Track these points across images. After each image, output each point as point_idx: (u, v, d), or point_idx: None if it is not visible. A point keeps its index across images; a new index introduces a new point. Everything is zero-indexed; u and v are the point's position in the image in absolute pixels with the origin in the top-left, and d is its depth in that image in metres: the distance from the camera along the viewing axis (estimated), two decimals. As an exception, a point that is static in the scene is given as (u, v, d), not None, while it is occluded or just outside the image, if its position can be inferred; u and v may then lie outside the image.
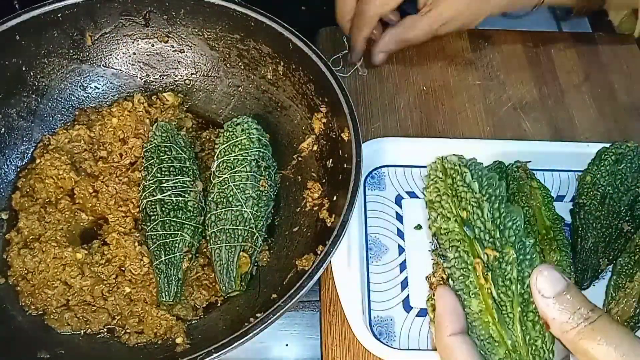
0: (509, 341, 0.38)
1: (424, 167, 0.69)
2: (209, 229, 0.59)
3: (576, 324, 0.33)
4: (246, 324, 0.49)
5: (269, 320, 0.49)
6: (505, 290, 0.38)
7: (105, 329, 0.57)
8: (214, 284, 0.59)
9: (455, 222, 0.39)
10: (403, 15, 0.76)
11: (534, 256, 0.39)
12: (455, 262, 0.40)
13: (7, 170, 0.64)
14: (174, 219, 0.58)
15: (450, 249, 0.40)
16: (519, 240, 0.39)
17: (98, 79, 0.69)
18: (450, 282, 0.40)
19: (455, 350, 0.37)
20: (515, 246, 0.38)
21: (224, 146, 0.62)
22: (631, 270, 0.59)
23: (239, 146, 0.61)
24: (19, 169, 0.65)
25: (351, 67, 0.77)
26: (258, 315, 0.50)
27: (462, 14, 0.73)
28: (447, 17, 0.73)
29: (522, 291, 0.38)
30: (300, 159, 0.65)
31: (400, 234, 0.65)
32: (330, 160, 0.61)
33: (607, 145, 0.66)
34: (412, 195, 0.67)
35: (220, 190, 0.60)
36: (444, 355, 0.38)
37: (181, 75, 0.70)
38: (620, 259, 0.61)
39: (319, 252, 0.54)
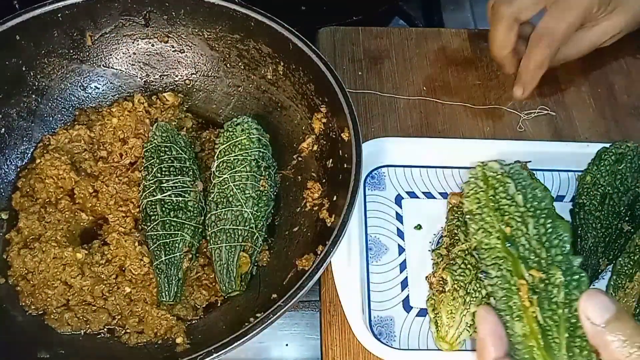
0: None
1: (424, 167, 0.69)
2: (209, 229, 0.59)
3: (629, 353, 0.31)
4: (246, 324, 0.49)
5: (269, 320, 0.49)
6: (552, 314, 0.36)
7: (105, 329, 0.57)
8: (214, 284, 0.59)
9: (498, 239, 0.37)
10: None
11: (582, 276, 0.37)
12: (498, 280, 0.37)
13: (7, 170, 0.64)
14: (174, 219, 0.58)
15: (493, 266, 0.38)
16: (565, 260, 0.37)
17: (98, 79, 0.69)
18: (492, 300, 0.38)
19: None
20: (562, 267, 0.36)
21: (224, 146, 0.62)
22: (631, 270, 0.59)
23: (239, 146, 0.61)
24: (19, 169, 0.65)
25: None
26: (258, 315, 0.50)
27: (630, 25, 0.70)
28: (618, 28, 0.69)
29: (570, 315, 0.36)
30: (300, 159, 0.65)
31: (400, 234, 0.65)
32: (330, 160, 0.61)
33: (607, 145, 0.66)
34: (412, 195, 0.67)
35: (220, 190, 0.60)
36: None
37: (181, 75, 0.70)
38: (620, 259, 0.61)
39: (319, 252, 0.54)
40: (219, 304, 0.59)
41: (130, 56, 0.69)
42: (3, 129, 0.64)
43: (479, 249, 0.38)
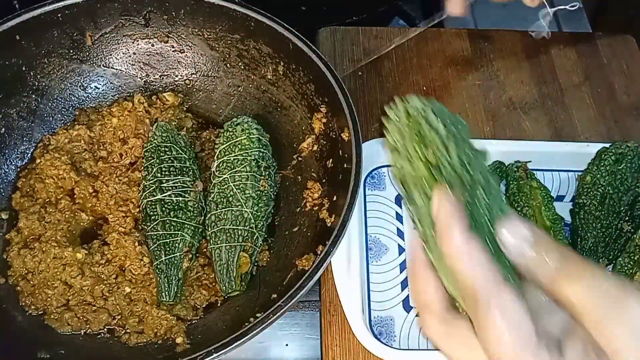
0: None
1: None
2: (209, 229, 0.59)
3: (548, 274, 0.32)
4: (246, 324, 0.49)
5: (269, 320, 0.49)
6: (476, 232, 0.37)
7: (105, 329, 0.57)
8: (214, 284, 0.59)
9: (422, 166, 0.38)
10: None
11: (502, 197, 0.39)
12: (422, 202, 0.38)
13: (7, 170, 0.64)
14: (174, 219, 0.58)
15: (416, 189, 0.39)
16: (486, 180, 0.38)
17: (98, 79, 0.69)
18: (419, 227, 0.39)
19: (471, 249, 0.33)
20: (482, 185, 0.38)
21: (224, 146, 0.62)
22: (631, 270, 0.59)
23: (239, 146, 0.61)
24: (19, 169, 0.65)
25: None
26: (258, 315, 0.50)
27: None
28: None
29: (493, 232, 0.37)
30: (300, 159, 0.65)
31: (400, 234, 0.65)
32: (330, 160, 0.61)
33: (607, 145, 0.66)
34: (412, 195, 0.67)
35: (220, 190, 0.60)
36: (455, 260, 0.34)
37: (181, 75, 0.70)
38: (620, 259, 0.61)
39: (319, 252, 0.54)
40: (219, 304, 0.59)
41: (130, 56, 0.69)
42: (3, 129, 0.64)
43: (403, 180, 0.39)
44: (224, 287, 0.57)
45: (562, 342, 0.32)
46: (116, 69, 0.69)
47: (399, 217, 0.66)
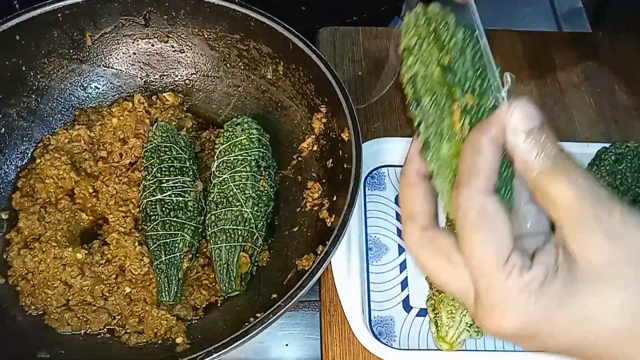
0: None
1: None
2: (209, 229, 0.59)
3: (541, 161, 0.32)
4: (246, 324, 0.49)
5: (269, 320, 0.49)
6: None
7: (105, 329, 0.57)
8: (214, 284, 0.59)
9: (436, 67, 0.38)
10: None
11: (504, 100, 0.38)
12: (431, 107, 0.38)
13: (7, 170, 0.64)
14: (174, 219, 0.58)
15: (427, 93, 0.39)
16: (497, 90, 0.38)
17: (98, 79, 0.69)
18: (422, 127, 0.39)
19: (484, 151, 0.33)
20: (495, 94, 0.38)
21: (224, 146, 0.62)
22: (631, 270, 0.59)
23: (239, 146, 0.61)
24: (19, 169, 0.65)
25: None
26: (258, 315, 0.50)
27: None
28: None
29: None
30: (300, 159, 0.65)
31: (400, 233, 0.65)
32: (330, 160, 0.61)
33: (607, 145, 0.66)
34: (412, 195, 0.67)
35: (220, 190, 0.60)
36: (468, 151, 0.33)
37: (181, 75, 0.70)
38: (620, 259, 0.61)
39: (319, 252, 0.54)
40: (219, 304, 0.59)
41: (130, 56, 0.69)
42: (3, 129, 0.64)
43: (414, 80, 0.39)
44: (224, 287, 0.57)
45: (535, 253, 0.32)
46: (116, 69, 0.69)
47: (398, 217, 0.66)
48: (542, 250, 0.32)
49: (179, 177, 0.60)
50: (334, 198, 0.58)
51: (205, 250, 0.61)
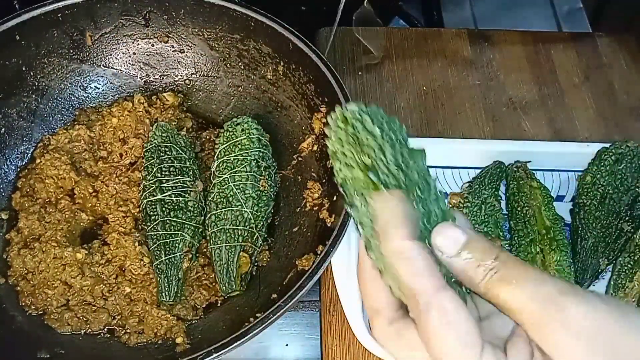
0: None
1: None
2: (209, 229, 0.59)
3: (482, 277, 0.32)
4: (246, 324, 0.49)
5: (269, 320, 0.49)
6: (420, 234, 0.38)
7: (105, 329, 0.57)
8: (214, 284, 0.59)
9: (359, 170, 0.39)
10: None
11: (438, 195, 0.39)
12: (365, 210, 0.39)
13: (7, 170, 0.64)
14: (174, 219, 0.58)
15: (357, 197, 0.39)
16: (423, 180, 0.39)
17: (98, 79, 0.69)
18: (360, 230, 0.39)
19: (415, 255, 0.32)
20: (420, 186, 0.38)
21: (224, 146, 0.62)
22: (631, 270, 0.59)
23: (239, 146, 0.61)
24: (19, 169, 0.65)
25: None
26: (258, 315, 0.50)
27: None
28: None
29: (431, 229, 0.37)
30: (300, 159, 0.65)
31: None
32: (330, 160, 0.61)
33: (607, 145, 0.66)
34: (412, 195, 0.67)
35: (220, 190, 0.60)
36: (395, 262, 0.33)
37: (181, 75, 0.70)
38: (620, 259, 0.61)
39: (319, 252, 0.54)
40: (219, 304, 0.59)
41: (130, 56, 0.69)
42: (3, 129, 0.64)
43: (344, 185, 0.40)
44: (224, 287, 0.57)
45: (507, 343, 0.32)
46: (116, 69, 0.69)
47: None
48: (512, 343, 0.32)
49: (179, 177, 0.60)
50: (334, 198, 0.58)
51: (205, 250, 0.61)
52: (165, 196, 0.59)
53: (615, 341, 0.29)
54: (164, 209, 0.59)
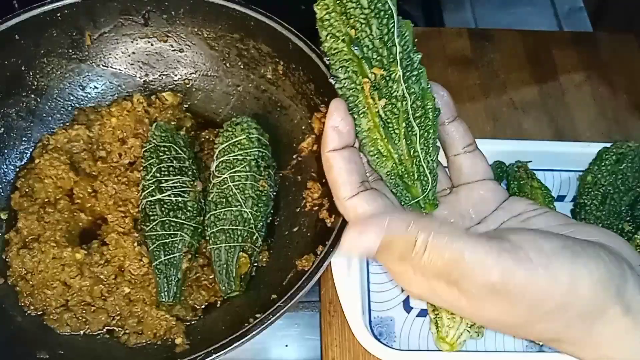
0: (396, 155, 0.40)
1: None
2: (209, 229, 0.59)
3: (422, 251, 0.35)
4: (246, 324, 0.49)
5: (269, 321, 0.49)
6: (392, 107, 0.39)
7: (104, 330, 0.57)
8: (213, 284, 0.59)
9: (344, 42, 0.39)
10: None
11: (420, 71, 0.40)
12: (345, 82, 0.40)
13: (6, 170, 0.64)
14: (174, 219, 0.58)
15: (340, 69, 0.40)
16: (407, 57, 0.39)
17: (97, 79, 0.69)
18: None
19: (334, 164, 0.40)
20: (402, 63, 0.39)
21: (223, 146, 0.61)
22: (632, 271, 0.59)
23: (239, 146, 0.61)
24: (18, 169, 0.65)
25: None
26: (258, 315, 0.50)
27: None
28: None
29: (407, 107, 0.39)
30: (300, 158, 0.65)
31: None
32: (330, 160, 0.61)
33: (608, 145, 0.66)
34: (412, 195, 0.67)
35: (219, 190, 0.60)
36: (325, 171, 0.41)
37: (180, 75, 0.70)
38: (621, 259, 0.60)
39: (319, 252, 0.54)
40: (218, 305, 0.58)
41: (129, 56, 0.69)
42: (2, 129, 0.64)
43: (328, 54, 0.40)
44: (224, 288, 0.57)
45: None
46: (115, 69, 0.69)
47: (399, 217, 0.65)
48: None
49: (178, 177, 0.60)
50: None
51: (204, 250, 0.60)
52: (164, 196, 0.59)
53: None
54: (163, 209, 0.59)
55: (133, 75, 0.70)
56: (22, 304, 0.57)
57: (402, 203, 0.41)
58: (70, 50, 0.66)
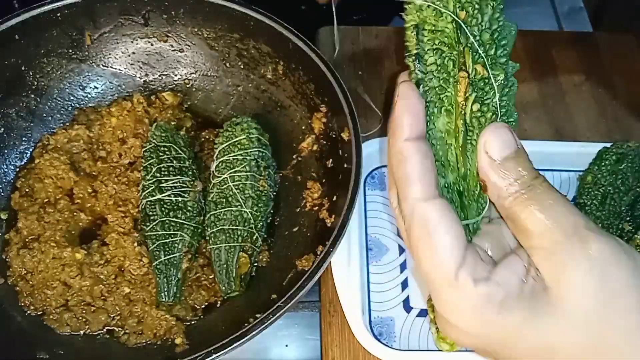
0: (463, 169, 0.34)
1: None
2: (209, 229, 0.59)
3: (514, 191, 0.31)
4: (246, 324, 0.49)
5: (269, 321, 0.49)
6: (480, 116, 0.33)
7: (104, 330, 0.57)
8: (213, 284, 0.59)
9: (450, 22, 0.32)
10: None
11: (514, 85, 0.34)
12: (434, 68, 0.33)
13: (6, 170, 0.64)
14: (174, 219, 0.58)
15: (433, 52, 0.33)
16: (507, 63, 0.34)
17: (97, 79, 0.69)
18: (420, 89, 0.34)
19: (410, 157, 0.31)
20: (505, 69, 0.33)
21: (223, 146, 0.61)
22: (632, 271, 0.59)
23: (239, 146, 0.61)
24: (18, 169, 0.65)
25: None
26: (258, 315, 0.50)
27: None
28: None
29: (493, 120, 0.34)
30: (300, 158, 0.65)
31: (400, 233, 0.65)
32: (330, 160, 0.61)
33: (608, 145, 0.66)
34: (412, 195, 0.67)
35: (219, 190, 0.60)
36: (395, 163, 0.32)
37: (180, 75, 0.70)
38: (621, 259, 0.60)
39: (319, 252, 0.54)
40: (218, 305, 0.58)
41: (129, 56, 0.69)
42: (2, 129, 0.64)
43: (421, 28, 0.33)
44: (224, 288, 0.57)
45: (498, 260, 0.31)
46: (115, 69, 0.69)
47: (399, 217, 0.66)
48: (507, 262, 0.31)
49: (178, 177, 0.60)
50: (334, 198, 0.58)
51: (204, 250, 0.60)
52: (164, 196, 0.59)
53: (622, 286, 0.29)
54: (163, 209, 0.59)
55: (133, 75, 0.70)
56: (22, 304, 0.57)
57: None
58: (70, 50, 0.66)
